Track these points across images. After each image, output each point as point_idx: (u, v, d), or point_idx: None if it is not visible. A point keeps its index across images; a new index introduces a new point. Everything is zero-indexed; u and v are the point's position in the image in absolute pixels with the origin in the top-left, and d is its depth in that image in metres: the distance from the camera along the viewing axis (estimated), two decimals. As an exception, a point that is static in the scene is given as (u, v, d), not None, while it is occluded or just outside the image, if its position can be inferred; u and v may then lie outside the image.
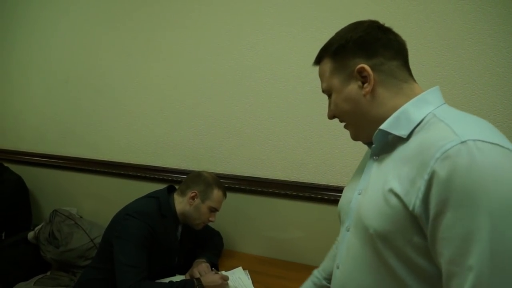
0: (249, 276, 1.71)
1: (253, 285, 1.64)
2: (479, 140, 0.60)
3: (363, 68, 0.78)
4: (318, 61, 0.90)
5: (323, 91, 0.90)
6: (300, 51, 1.78)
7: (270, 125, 1.88)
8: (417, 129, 0.73)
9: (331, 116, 0.91)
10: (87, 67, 2.28)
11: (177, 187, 1.75)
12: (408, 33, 1.58)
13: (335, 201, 1.76)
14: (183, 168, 2.09)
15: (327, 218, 1.81)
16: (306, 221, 1.86)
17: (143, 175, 2.17)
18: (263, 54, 1.85)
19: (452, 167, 0.60)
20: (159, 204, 1.63)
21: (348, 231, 0.84)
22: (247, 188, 1.94)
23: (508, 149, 0.61)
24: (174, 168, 2.11)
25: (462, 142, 0.61)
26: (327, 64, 0.85)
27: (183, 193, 1.67)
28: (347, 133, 1.80)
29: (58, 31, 2.34)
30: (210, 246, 1.86)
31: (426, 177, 0.63)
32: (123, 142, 2.24)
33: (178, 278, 1.65)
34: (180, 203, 1.66)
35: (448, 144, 0.62)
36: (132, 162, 2.22)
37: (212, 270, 1.67)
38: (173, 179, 2.07)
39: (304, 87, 1.79)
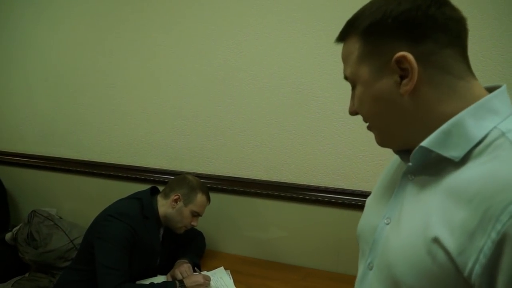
0: (230, 276, 1.72)
1: (235, 285, 1.65)
2: None
3: (404, 57, 0.56)
4: (343, 37, 0.66)
5: (345, 78, 0.68)
6: (282, 53, 1.80)
7: (252, 126, 1.89)
8: (476, 150, 0.54)
9: (353, 113, 0.68)
10: (68, 65, 2.25)
11: (160, 188, 1.74)
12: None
13: (316, 201, 1.79)
14: (165, 168, 2.08)
15: (308, 218, 1.83)
16: (287, 221, 1.88)
17: (125, 175, 2.15)
18: (246, 55, 1.86)
19: None
20: (142, 206, 1.63)
21: (370, 270, 0.67)
22: (229, 188, 1.94)
23: None
24: (156, 168, 2.10)
25: None
26: (355, 45, 0.63)
27: (166, 196, 1.67)
28: (329, 134, 1.83)
29: (38, 29, 2.30)
30: (192, 247, 1.86)
31: (493, 235, 0.46)
32: (105, 142, 2.22)
33: (159, 278, 1.64)
34: (163, 205, 1.66)
35: None
36: (113, 162, 2.20)
37: (195, 270, 1.67)
38: (155, 179, 2.07)
39: (286, 88, 1.81)
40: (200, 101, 1.97)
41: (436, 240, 0.52)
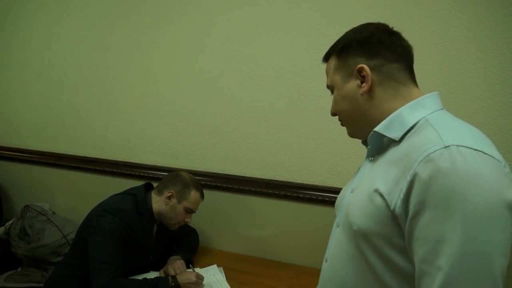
0: (223, 273, 1.72)
1: (228, 282, 1.65)
2: (462, 146, 0.63)
3: (362, 67, 0.81)
4: (326, 58, 0.93)
5: (327, 87, 0.93)
6: (278, 51, 1.80)
7: (247, 124, 1.89)
8: (409, 133, 0.75)
9: (333, 113, 0.93)
10: (62, 60, 2.24)
11: (154, 184, 1.74)
12: (383, 37, 1.63)
13: (310, 200, 1.80)
14: (159, 165, 2.08)
15: (302, 216, 1.84)
16: (281, 219, 1.89)
17: (119, 171, 2.15)
18: (242, 52, 1.86)
19: (432, 170, 0.62)
20: (136, 202, 1.62)
21: (338, 226, 0.88)
22: (224, 185, 1.95)
23: (491, 156, 0.63)
24: (151, 164, 2.10)
25: (446, 147, 0.63)
26: (333, 61, 0.89)
27: (160, 192, 1.67)
28: (323, 133, 1.84)
29: (33, 24, 2.29)
30: (186, 243, 1.86)
31: (408, 178, 0.66)
32: (100, 137, 2.21)
33: (152, 274, 1.64)
34: (157, 202, 1.66)
35: (432, 148, 0.64)
36: (108, 158, 2.19)
37: (190, 267, 1.67)
38: (149, 176, 2.06)
39: (281, 86, 1.81)
40: (195, 98, 1.97)
41: (376, 190, 0.73)
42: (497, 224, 0.60)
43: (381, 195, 0.71)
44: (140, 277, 1.56)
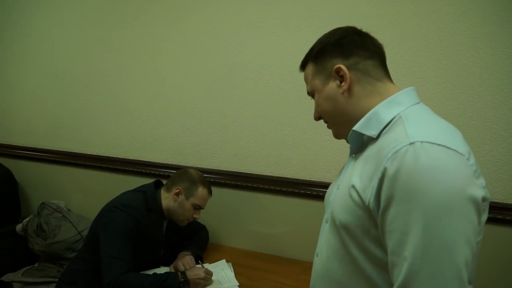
0: (232, 269, 1.75)
1: (236, 277, 1.68)
2: (426, 142, 0.66)
3: (339, 68, 0.84)
4: (303, 66, 0.96)
5: (308, 94, 0.96)
6: (285, 49, 1.82)
7: (255, 122, 1.92)
8: (385, 129, 0.79)
9: (316, 117, 0.97)
10: (75, 61, 2.31)
11: (164, 182, 1.78)
12: (388, 34, 1.63)
13: (317, 196, 1.81)
14: (169, 163, 2.12)
15: (310, 213, 1.85)
16: (289, 215, 1.91)
17: (131, 169, 2.20)
18: (249, 51, 1.89)
19: (398, 166, 0.66)
20: (146, 198, 1.66)
21: (326, 222, 0.91)
22: (232, 183, 1.98)
23: (454, 150, 0.66)
24: (161, 162, 2.14)
25: (411, 144, 0.66)
26: (310, 68, 0.92)
27: (168, 189, 1.70)
28: (329, 131, 1.84)
29: (47, 26, 2.36)
30: (196, 239, 1.89)
31: (379, 175, 0.69)
32: (112, 136, 2.27)
33: (162, 269, 1.68)
34: (166, 198, 1.69)
35: (399, 145, 0.68)
36: (120, 157, 2.25)
37: (199, 263, 1.70)
38: (160, 174, 2.11)
39: (288, 84, 1.83)
40: (204, 97, 2.01)
41: (352, 186, 0.77)
42: (458, 215, 0.63)
43: (357, 192, 0.75)
44: (150, 272, 1.60)
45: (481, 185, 0.67)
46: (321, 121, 0.97)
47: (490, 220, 1.46)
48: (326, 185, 1.77)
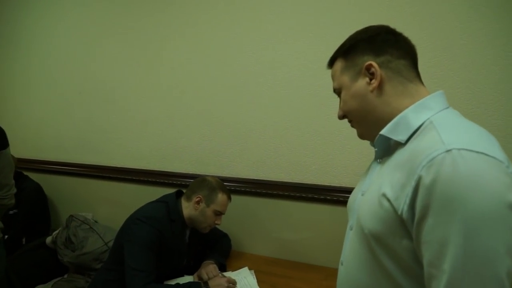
0: (254, 276, 1.75)
1: (258, 285, 1.68)
2: (464, 149, 0.63)
3: (371, 64, 0.82)
4: (331, 63, 0.94)
5: (334, 91, 0.94)
6: (300, 56, 1.83)
7: (273, 129, 1.93)
8: (415, 135, 0.76)
9: (341, 116, 0.93)
10: (99, 78, 2.39)
11: (185, 191, 1.81)
12: (408, 36, 1.61)
13: (337, 202, 1.81)
14: (191, 172, 2.16)
15: (330, 218, 1.84)
16: (310, 221, 1.90)
17: (153, 180, 2.25)
18: (265, 59, 1.91)
19: (435, 174, 0.63)
20: (168, 209, 1.70)
21: (351, 229, 0.89)
22: (252, 190, 1.99)
23: (493, 157, 0.63)
24: (182, 172, 2.18)
25: (448, 151, 0.63)
26: (339, 64, 0.90)
27: (189, 198, 1.73)
28: (347, 135, 1.84)
29: (71, 45, 2.46)
30: (218, 248, 1.91)
31: (413, 183, 0.66)
32: (134, 149, 2.33)
33: (186, 279, 1.71)
34: (187, 208, 1.72)
35: (435, 153, 0.65)
36: (142, 168, 2.31)
37: (220, 272, 1.72)
38: (181, 183, 2.14)
39: (305, 90, 1.84)
40: (222, 107, 2.04)
41: (383, 195, 0.74)
42: (500, 225, 0.60)
43: (388, 200, 0.72)
44: (174, 281, 1.63)
45: None
46: (340, 126, 0.95)
47: None
48: (345, 190, 1.79)
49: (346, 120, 1.79)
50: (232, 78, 2.00)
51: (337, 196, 1.80)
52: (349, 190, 1.75)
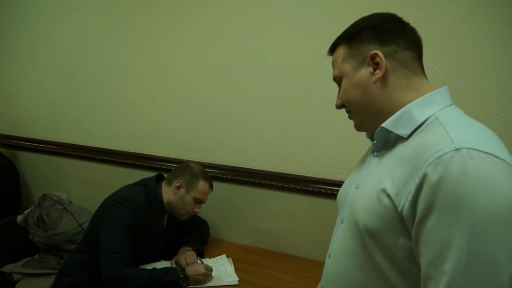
0: (232, 264, 1.75)
1: (236, 273, 1.67)
2: (473, 149, 0.61)
3: (376, 54, 0.78)
4: (333, 49, 0.89)
5: (334, 79, 0.90)
6: (289, 44, 1.80)
7: (258, 117, 1.91)
8: (418, 130, 0.73)
9: (339, 105, 0.90)
10: (79, 54, 2.29)
11: (165, 176, 1.78)
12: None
13: (319, 193, 1.81)
14: (172, 156, 2.12)
15: (311, 209, 1.84)
16: (290, 212, 1.90)
17: (133, 162, 2.20)
18: (253, 46, 1.87)
19: (442, 173, 0.61)
20: (147, 193, 1.66)
21: (342, 222, 0.86)
22: (234, 178, 1.97)
23: (502, 159, 0.62)
24: (163, 156, 2.13)
25: (456, 150, 0.61)
26: (341, 51, 0.85)
27: (169, 183, 1.70)
28: (333, 127, 1.83)
29: (51, 18, 2.34)
30: (197, 234, 1.90)
31: (417, 180, 0.64)
32: (114, 129, 2.26)
33: (162, 264, 1.68)
34: (167, 192, 1.69)
35: (442, 150, 0.62)
36: (122, 150, 2.24)
37: (198, 258, 1.70)
38: (161, 167, 2.10)
39: (292, 80, 1.81)
40: (207, 92, 1.99)
41: (383, 190, 0.71)
42: (506, 230, 0.59)
43: (388, 196, 0.70)
44: (150, 266, 1.60)
45: None
46: (326, 117, 0.92)
47: None
48: (328, 182, 1.79)
49: (332, 112, 1.78)
50: (218, 63, 1.95)
51: (319, 187, 1.80)
52: (331, 183, 1.78)
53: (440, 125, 0.69)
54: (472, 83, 1.55)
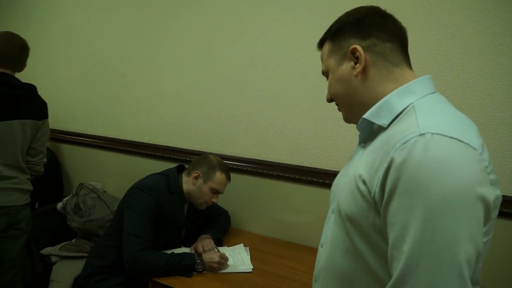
0: (248, 252, 1.80)
1: (251, 261, 1.72)
2: (437, 134, 0.63)
3: (355, 48, 0.80)
4: (321, 44, 0.93)
5: (323, 73, 0.92)
6: (306, 38, 1.82)
7: (276, 110, 1.95)
8: (397, 119, 0.75)
9: (329, 99, 0.93)
10: (112, 51, 2.44)
11: (187, 166, 1.86)
12: (412, 21, 1.58)
13: (335, 186, 1.81)
14: (196, 149, 2.20)
15: (327, 202, 1.84)
16: (307, 204, 1.92)
17: (160, 154, 2.31)
18: (272, 41, 1.91)
19: (406, 157, 0.63)
20: (168, 182, 1.76)
21: (332, 213, 0.89)
22: (254, 170, 2.02)
23: (467, 144, 0.63)
24: (188, 149, 2.23)
25: (421, 135, 0.63)
26: (327, 46, 0.88)
27: (189, 173, 1.78)
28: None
29: (86, 18, 2.51)
30: (217, 223, 1.96)
31: (385, 165, 0.67)
32: (143, 123, 2.39)
33: (182, 250, 1.76)
34: (186, 182, 1.77)
35: (409, 136, 0.64)
36: (151, 142, 2.36)
37: (215, 246, 1.76)
38: (186, 159, 2.19)
39: (310, 73, 1.83)
40: (228, 86, 2.06)
41: (359, 176, 0.74)
42: (463, 211, 0.60)
43: (364, 182, 0.72)
44: (170, 251, 1.69)
45: (492, 181, 0.65)
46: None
47: (502, 215, 1.40)
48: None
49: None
50: (239, 58, 2.01)
51: (335, 180, 1.81)
52: (346, 175, 1.78)
53: (414, 113, 0.70)
54: (493, 74, 1.51)
